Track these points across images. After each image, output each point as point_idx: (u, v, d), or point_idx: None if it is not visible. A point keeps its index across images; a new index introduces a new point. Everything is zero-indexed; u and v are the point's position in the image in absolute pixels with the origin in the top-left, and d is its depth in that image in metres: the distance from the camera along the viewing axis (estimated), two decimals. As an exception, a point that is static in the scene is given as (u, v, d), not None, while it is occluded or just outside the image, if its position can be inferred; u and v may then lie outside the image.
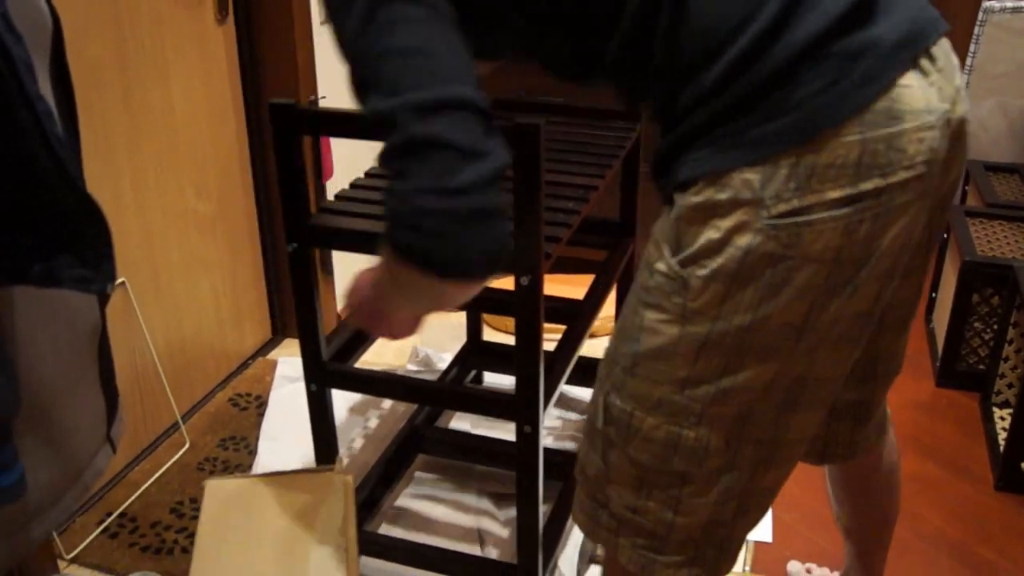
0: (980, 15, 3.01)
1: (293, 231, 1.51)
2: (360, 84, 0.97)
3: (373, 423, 2.30)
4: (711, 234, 0.97)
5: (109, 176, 1.93)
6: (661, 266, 1.04)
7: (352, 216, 1.55)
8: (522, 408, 1.49)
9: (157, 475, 2.09)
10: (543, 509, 1.59)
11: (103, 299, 1.16)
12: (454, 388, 1.72)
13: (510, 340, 2.50)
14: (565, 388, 2.40)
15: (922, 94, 0.94)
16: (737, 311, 0.98)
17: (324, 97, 2.42)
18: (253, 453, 2.17)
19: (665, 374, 1.04)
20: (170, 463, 2.13)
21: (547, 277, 1.44)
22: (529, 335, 1.43)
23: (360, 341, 1.77)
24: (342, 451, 2.19)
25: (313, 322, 1.58)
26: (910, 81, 0.93)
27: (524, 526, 1.60)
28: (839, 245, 0.94)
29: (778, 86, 0.92)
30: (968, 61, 3.06)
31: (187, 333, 2.26)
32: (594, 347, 2.61)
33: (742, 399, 1.04)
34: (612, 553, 1.18)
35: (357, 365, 1.72)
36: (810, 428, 1.10)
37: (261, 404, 2.34)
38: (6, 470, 0.95)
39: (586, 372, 2.30)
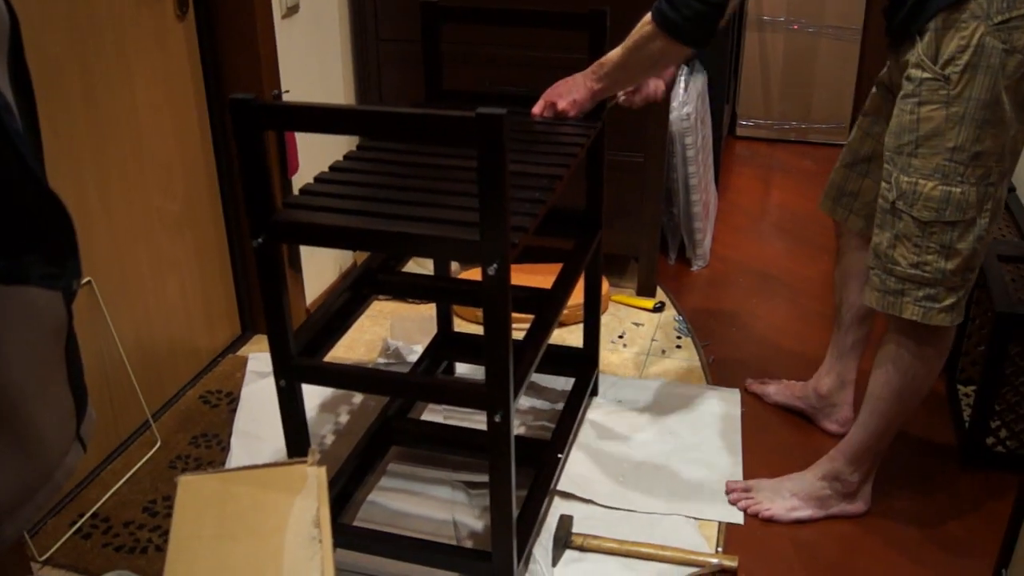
0: None
1: (258, 226, 1.51)
2: None
3: (345, 418, 2.30)
4: (959, 41, 1.54)
5: (72, 176, 1.92)
6: (927, 74, 1.59)
7: (316, 210, 1.55)
8: (492, 397, 1.50)
9: (129, 475, 2.08)
10: (516, 496, 1.60)
11: (68, 297, 1.16)
12: (423, 380, 1.73)
13: (480, 331, 2.52)
14: (535, 377, 2.42)
15: None
16: (981, 91, 1.55)
17: (288, 91, 2.41)
18: (225, 449, 2.17)
19: (939, 147, 1.61)
20: (142, 462, 2.12)
21: (515, 267, 1.46)
22: (497, 324, 1.44)
23: (329, 335, 1.77)
24: (315, 446, 2.19)
25: (281, 317, 1.58)
26: None
27: (497, 514, 1.61)
28: None
29: None
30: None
31: (156, 332, 2.25)
32: (563, 335, 2.63)
33: (986, 161, 1.60)
34: (897, 314, 1.73)
35: (327, 359, 1.72)
36: (1005, 191, 1.70)
37: (232, 401, 2.34)
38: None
39: (556, 360, 2.32)
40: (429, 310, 2.70)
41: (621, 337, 2.64)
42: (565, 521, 1.90)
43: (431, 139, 1.40)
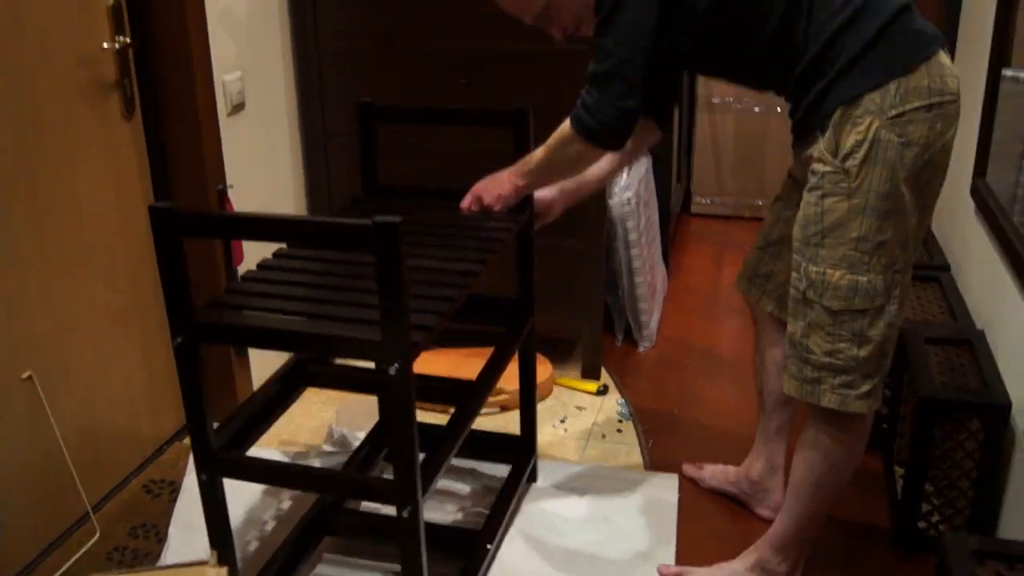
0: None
1: (177, 326, 1.57)
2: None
3: (287, 504, 2.33)
4: (856, 136, 1.64)
5: (14, 272, 1.98)
6: (828, 168, 1.68)
7: (236, 309, 1.61)
8: (400, 493, 1.54)
9: (66, 566, 2.10)
10: (429, 589, 1.63)
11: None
12: (335, 475, 1.77)
13: (427, 418, 2.56)
14: (475, 464, 2.45)
15: (950, 62, 1.67)
16: (880, 181, 1.63)
17: (232, 186, 2.49)
18: (163, 540, 2.19)
19: (844, 237, 1.68)
20: (79, 553, 2.14)
21: (451, 351, 1.50)
22: (401, 422, 1.49)
23: (253, 426, 1.82)
24: (252, 535, 2.21)
25: (200, 412, 1.62)
26: (943, 54, 1.66)
27: (411, 607, 1.64)
28: (926, 134, 1.63)
29: (881, 47, 1.63)
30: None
31: (99, 422, 2.29)
32: (506, 420, 2.67)
33: (891, 250, 1.68)
34: (815, 402, 1.78)
35: (275, 446, 1.75)
36: (910, 277, 1.78)
37: (174, 490, 2.37)
38: None
39: (494, 447, 2.36)
40: (373, 399, 2.74)
41: (563, 421, 2.68)
42: (491, 611, 1.92)
43: (331, 245, 1.46)
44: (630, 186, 2.93)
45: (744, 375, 2.94)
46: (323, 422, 2.68)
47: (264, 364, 2.76)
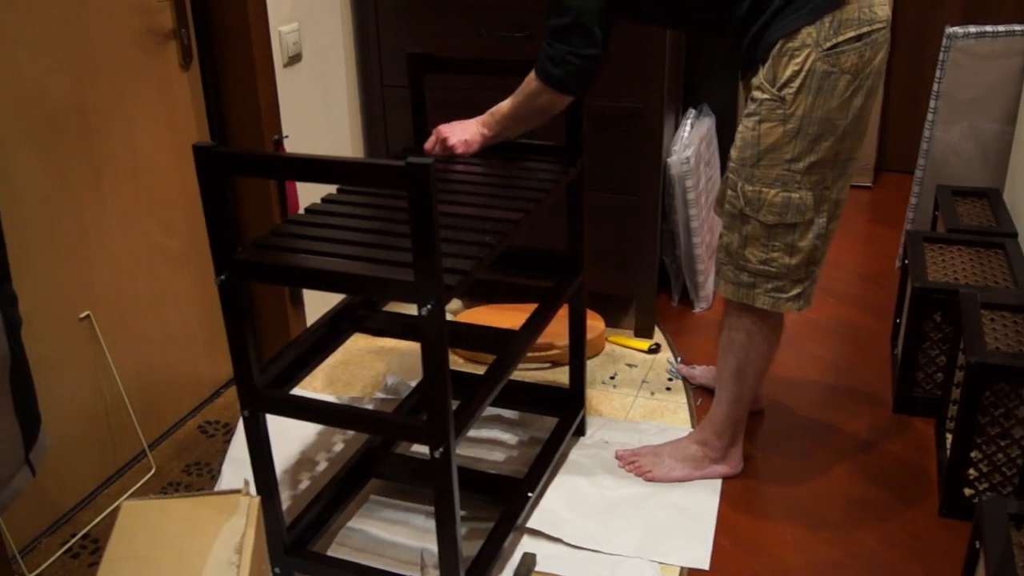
0: (944, 41, 3.05)
1: (221, 264, 1.60)
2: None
3: (338, 448, 2.38)
4: (793, 67, 1.78)
5: (72, 216, 2.04)
6: (765, 95, 1.83)
7: (279, 251, 1.64)
8: (433, 433, 1.56)
9: (122, 499, 2.18)
10: (480, 529, 1.66)
11: (12, 332, 1.26)
12: (371, 413, 1.80)
13: (478, 370, 2.58)
14: (522, 415, 2.46)
15: None
16: (813, 109, 1.80)
17: (287, 136, 2.52)
18: (215, 478, 2.26)
19: (777, 159, 1.85)
20: (135, 487, 2.22)
21: (500, 306, 1.51)
22: (434, 361, 1.51)
23: (299, 368, 1.86)
24: (303, 474, 2.27)
25: (244, 350, 1.67)
26: None
27: (443, 547, 1.66)
28: (856, 62, 1.78)
29: None
30: (935, 87, 3.10)
31: (156, 364, 2.36)
32: (557, 375, 2.68)
33: (821, 169, 1.85)
34: (750, 303, 1.99)
35: (328, 393, 1.78)
36: (847, 192, 1.95)
37: (229, 431, 2.43)
38: None
39: (542, 399, 2.38)
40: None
41: (613, 378, 2.68)
42: (527, 559, 1.94)
43: (367, 184, 1.48)
44: (690, 144, 2.89)
45: (797, 337, 2.91)
46: (377, 372, 2.72)
47: (319, 312, 2.81)
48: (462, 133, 2.05)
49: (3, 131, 1.84)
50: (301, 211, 1.86)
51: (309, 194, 2.60)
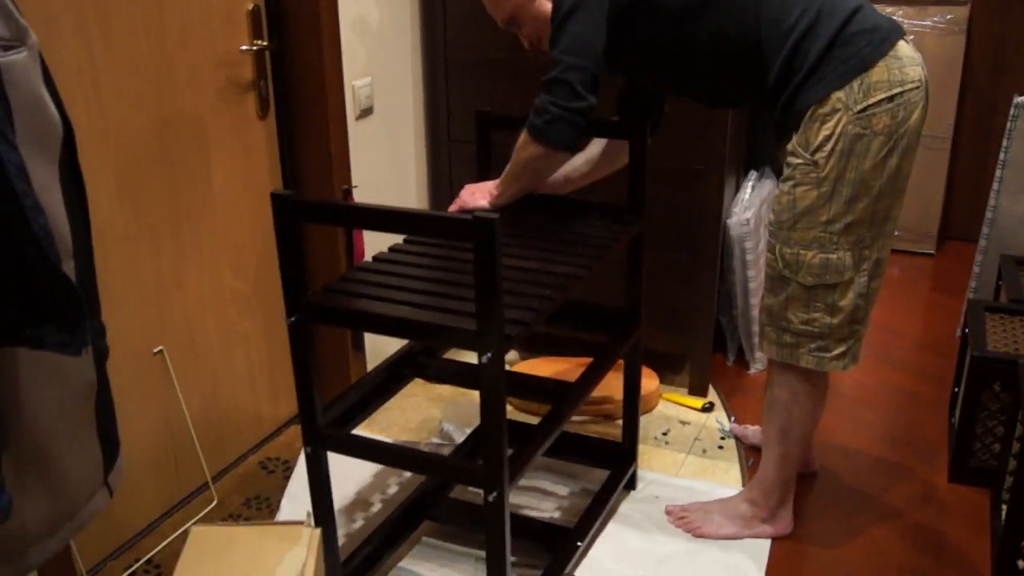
0: (1012, 110, 3.07)
1: (292, 306, 1.68)
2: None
3: (393, 489, 2.43)
4: (825, 132, 1.83)
5: (151, 255, 2.15)
6: (799, 160, 1.88)
7: (348, 296, 1.72)
8: (487, 477, 1.61)
9: (184, 528, 2.25)
10: None
11: (100, 363, 1.34)
12: (427, 455, 1.85)
13: (530, 420, 2.63)
14: (574, 467, 2.50)
15: (910, 50, 1.85)
16: (847, 171, 1.83)
17: (356, 186, 2.62)
18: (275, 512, 2.32)
19: (813, 221, 1.89)
20: (197, 517, 2.30)
21: (556, 359, 1.55)
22: (492, 408, 1.56)
23: (360, 409, 1.93)
24: (357, 513, 2.32)
25: (310, 389, 1.74)
26: (903, 44, 1.83)
27: (493, 591, 1.70)
28: (889, 123, 1.81)
29: (841, 48, 1.81)
30: (1002, 156, 3.11)
31: (222, 400, 2.45)
32: (610, 429, 2.71)
33: (858, 229, 1.88)
34: (794, 363, 2.01)
35: (384, 435, 1.84)
36: (889, 251, 1.98)
37: (288, 468, 2.50)
38: (-7, 498, 1.12)
39: (595, 452, 2.42)
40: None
41: (665, 434, 2.70)
42: (574, 606, 1.97)
43: (436, 235, 1.55)
44: (750, 206, 2.93)
45: (853, 403, 2.90)
46: (433, 417, 2.78)
47: (379, 358, 2.88)
48: (479, 196, 2.08)
49: (92, 176, 1.95)
50: (368, 258, 1.94)
51: (374, 240, 2.68)
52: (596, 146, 2.25)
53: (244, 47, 2.35)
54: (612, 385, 2.64)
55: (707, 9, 1.88)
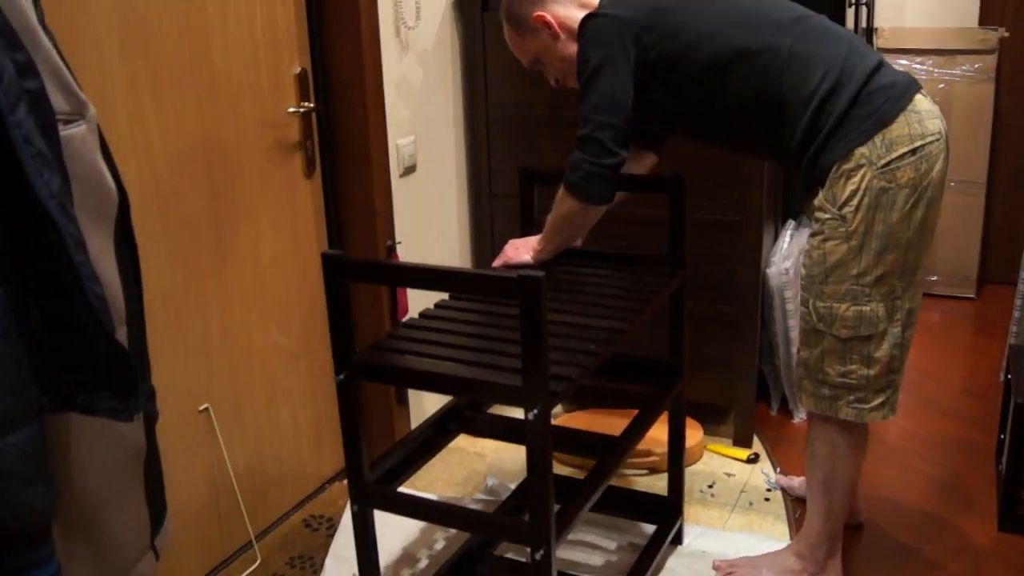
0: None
1: (340, 364, 1.70)
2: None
3: (439, 546, 2.42)
4: (851, 187, 1.87)
5: (198, 313, 2.18)
6: (827, 215, 1.91)
7: (395, 353, 1.73)
8: (533, 535, 1.60)
9: (229, 588, 2.26)
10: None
11: (149, 426, 1.36)
12: (473, 513, 1.85)
13: (574, 474, 2.62)
14: (620, 521, 2.47)
15: (928, 104, 1.89)
16: (874, 224, 1.86)
17: (400, 242, 2.65)
18: (318, 572, 2.32)
19: (844, 275, 1.92)
20: (241, 577, 2.30)
21: (599, 412, 1.55)
22: (539, 464, 1.56)
23: (406, 465, 1.93)
24: (403, 571, 2.32)
25: (357, 446, 1.74)
26: (920, 98, 1.88)
27: (542, 649, 1.68)
28: (913, 176, 1.85)
29: (861, 106, 1.86)
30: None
31: (266, 457, 2.46)
32: (654, 482, 2.69)
33: (889, 280, 1.90)
34: (834, 415, 2.02)
35: (429, 492, 1.84)
36: (920, 299, 1.99)
37: (332, 527, 2.50)
38: (43, 566, 1.13)
39: (641, 507, 2.40)
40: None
41: (711, 487, 2.68)
42: (624, 664, 1.94)
43: (481, 293, 1.56)
44: (789, 256, 2.93)
45: (901, 452, 2.86)
46: (477, 472, 2.78)
47: (423, 414, 2.89)
48: (523, 251, 2.15)
49: (143, 236, 1.99)
50: (414, 315, 1.95)
51: (417, 295, 2.71)
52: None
53: (291, 109, 2.40)
54: (656, 437, 2.62)
55: (730, 70, 1.92)
